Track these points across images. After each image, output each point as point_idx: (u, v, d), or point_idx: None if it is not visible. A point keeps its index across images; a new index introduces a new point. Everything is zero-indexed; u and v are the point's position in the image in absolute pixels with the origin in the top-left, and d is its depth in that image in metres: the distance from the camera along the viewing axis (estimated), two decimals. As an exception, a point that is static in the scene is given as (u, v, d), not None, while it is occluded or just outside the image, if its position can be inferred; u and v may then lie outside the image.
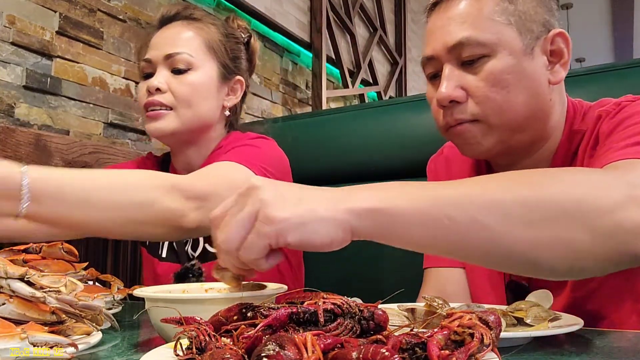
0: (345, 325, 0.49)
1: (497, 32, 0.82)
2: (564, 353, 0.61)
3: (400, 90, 3.96)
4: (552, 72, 0.85)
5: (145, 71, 1.16)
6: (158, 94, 1.11)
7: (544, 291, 0.80)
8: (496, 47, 0.82)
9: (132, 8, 1.73)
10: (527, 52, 0.83)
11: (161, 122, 1.11)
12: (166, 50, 1.13)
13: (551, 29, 0.85)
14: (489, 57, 0.82)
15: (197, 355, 0.48)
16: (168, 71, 1.13)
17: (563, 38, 0.85)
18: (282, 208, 0.57)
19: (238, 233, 0.58)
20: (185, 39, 1.15)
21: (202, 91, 1.15)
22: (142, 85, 1.16)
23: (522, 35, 0.83)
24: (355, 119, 1.58)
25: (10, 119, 1.38)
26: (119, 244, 1.58)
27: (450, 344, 0.46)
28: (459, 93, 0.84)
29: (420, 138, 1.45)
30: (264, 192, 0.58)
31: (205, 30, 1.18)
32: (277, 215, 0.57)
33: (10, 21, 1.38)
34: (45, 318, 0.64)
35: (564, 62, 0.86)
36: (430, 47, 0.87)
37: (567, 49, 0.85)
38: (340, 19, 3.15)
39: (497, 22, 0.82)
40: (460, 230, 0.58)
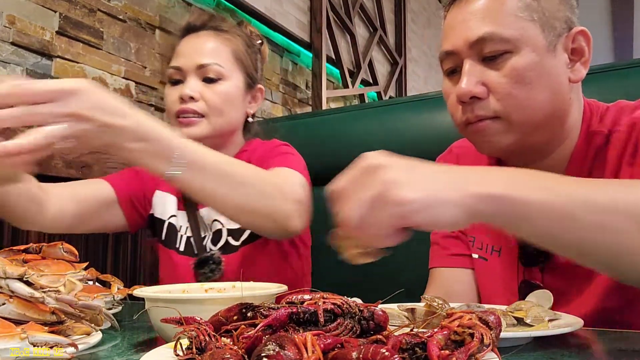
0: (345, 325, 0.49)
1: (520, 28, 0.81)
2: (564, 353, 0.61)
3: (400, 90, 3.95)
4: (573, 71, 0.84)
5: (173, 77, 1.20)
6: (191, 102, 1.16)
7: (544, 291, 0.79)
8: (519, 44, 0.80)
9: (132, 8, 1.73)
10: (550, 50, 0.82)
11: (194, 128, 1.16)
12: (197, 60, 1.18)
13: (572, 26, 0.84)
14: (512, 53, 0.81)
15: (197, 355, 0.48)
16: (199, 80, 1.18)
17: (584, 36, 0.85)
18: (411, 189, 0.57)
19: (364, 212, 0.58)
20: (215, 49, 1.20)
21: (232, 100, 1.21)
22: (172, 91, 1.20)
23: (545, 32, 0.81)
24: (355, 119, 1.58)
25: (10, 119, 1.38)
26: (119, 244, 1.58)
27: (450, 344, 0.46)
28: (480, 89, 0.82)
29: (420, 138, 1.45)
30: (391, 172, 0.58)
31: (232, 41, 1.23)
32: (406, 197, 0.56)
33: (11, 21, 1.38)
34: (45, 318, 0.64)
35: (584, 60, 0.85)
36: (450, 41, 0.86)
37: (588, 47, 0.85)
38: (340, 19, 3.15)
39: (521, 18, 0.81)
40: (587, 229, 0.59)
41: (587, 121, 0.88)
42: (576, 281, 0.85)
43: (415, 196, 0.56)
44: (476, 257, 1.00)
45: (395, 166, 0.59)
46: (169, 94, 1.21)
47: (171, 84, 1.21)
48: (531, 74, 0.80)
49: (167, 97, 1.21)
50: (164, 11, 1.85)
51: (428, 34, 4.70)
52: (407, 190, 0.57)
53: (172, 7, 1.88)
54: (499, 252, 0.96)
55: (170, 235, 1.24)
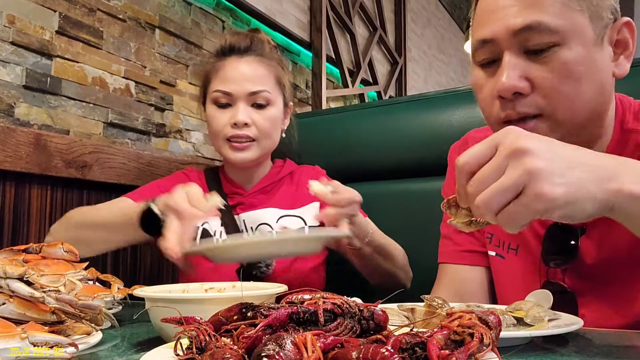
0: (345, 325, 0.49)
1: (569, 18, 0.73)
2: (563, 353, 0.61)
3: (400, 90, 3.95)
4: (617, 65, 0.79)
5: (220, 101, 1.28)
6: (244, 128, 1.26)
7: (544, 291, 0.79)
8: (568, 35, 0.73)
9: (132, 7, 1.73)
10: (598, 43, 0.75)
11: (247, 153, 1.28)
12: (249, 87, 1.27)
13: (618, 17, 0.78)
14: (559, 46, 0.73)
15: (197, 355, 0.48)
16: (249, 105, 1.27)
17: (629, 28, 0.79)
18: (554, 183, 0.55)
19: (502, 199, 0.57)
20: (264, 76, 1.29)
21: (277, 123, 1.32)
22: (221, 115, 1.28)
23: (593, 24, 0.75)
24: (355, 119, 1.58)
25: (10, 119, 1.38)
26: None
27: (450, 343, 0.46)
28: (524, 84, 0.75)
29: (420, 137, 1.45)
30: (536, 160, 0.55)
31: (273, 66, 1.32)
32: (549, 193, 0.55)
33: (10, 21, 1.38)
34: (45, 318, 0.64)
35: (628, 53, 0.79)
36: (489, 28, 0.77)
37: (632, 39, 0.79)
38: (340, 18, 3.15)
39: (569, 8, 0.73)
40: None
41: (620, 118, 0.83)
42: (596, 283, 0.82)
43: (560, 192, 0.55)
44: (493, 254, 0.97)
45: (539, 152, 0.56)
46: (218, 116, 1.28)
47: (218, 106, 1.29)
48: (580, 68, 0.74)
49: (216, 120, 1.28)
50: (163, 11, 1.85)
51: (428, 33, 4.70)
52: (552, 185, 0.55)
53: (172, 6, 1.88)
54: (516, 250, 0.93)
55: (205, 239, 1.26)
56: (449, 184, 1.08)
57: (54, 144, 1.38)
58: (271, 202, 1.34)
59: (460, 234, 1.02)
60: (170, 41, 1.87)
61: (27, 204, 1.35)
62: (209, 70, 1.33)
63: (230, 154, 1.28)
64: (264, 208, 1.32)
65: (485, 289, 0.99)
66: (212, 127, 1.31)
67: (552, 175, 0.55)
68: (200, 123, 2.00)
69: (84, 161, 1.44)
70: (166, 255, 0.88)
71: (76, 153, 1.43)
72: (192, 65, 1.96)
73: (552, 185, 0.55)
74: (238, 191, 1.36)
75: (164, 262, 1.73)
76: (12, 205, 1.32)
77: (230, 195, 1.35)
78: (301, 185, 1.36)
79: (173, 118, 1.88)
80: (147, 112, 1.77)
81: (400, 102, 1.61)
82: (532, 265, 0.90)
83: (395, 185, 1.47)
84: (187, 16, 1.96)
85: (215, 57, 1.34)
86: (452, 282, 0.99)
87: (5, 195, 1.31)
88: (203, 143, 2.01)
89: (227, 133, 1.27)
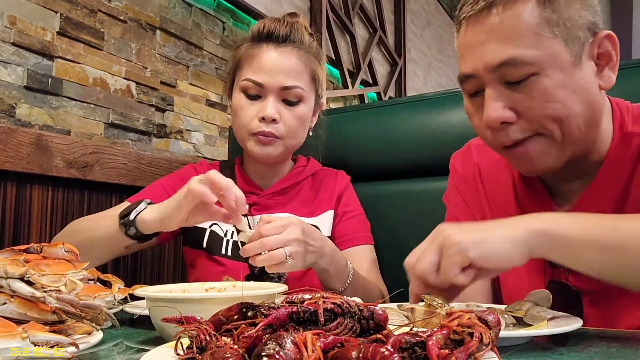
0: (345, 325, 0.49)
1: (544, 48, 0.75)
2: (563, 352, 0.61)
3: (399, 91, 3.95)
4: (602, 77, 0.80)
5: (250, 91, 1.19)
6: (272, 124, 1.18)
7: (544, 291, 0.79)
8: (544, 64, 0.75)
9: (133, 9, 1.73)
10: (576, 63, 0.76)
11: (271, 149, 1.20)
12: (282, 81, 1.17)
13: (597, 31, 0.79)
14: (537, 74, 0.75)
15: (198, 354, 0.48)
16: (279, 100, 1.19)
17: (611, 40, 0.79)
18: (460, 233, 0.69)
19: (431, 260, 0.71)
20: (299, 71, 1.20)
21: (305, 122, 1.24)
22: (250, 107, 1.19)
23: (569, 46, 0.76)
24: (355, 120, 1.57)
25: (12, 120, 1.38)
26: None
27: (450, 343, 0.46)
28: (509, 114, 0.78)
29: (420, 138, 1.45)
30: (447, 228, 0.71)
31: (311, 60, 1.23)
32: (456, 238, 0.69)
33: (11, 22, 1.38)
34: (46, 317, 0.64)
35: (612, 64, 0.80)
36: (469, 64, 0.80)
37: (615, 51, 0.80)
38: (340, 19, 3.15)
39: (542, 37, 0.75)
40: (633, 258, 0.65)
41: (619, 121, 0.84)
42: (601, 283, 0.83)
43: (465, 237, 0.68)
44: None
45: (451, 226, 0.72)
46: (246, 107, 1.20)
47: (246, 96, 1.20)
48: (561, 92, 0.76)
49: (243, 111, 1.20)
50: (164, 12, 1.85)
51: (427, 34, 4.70)
52: (458, 234, 0.69)
53: (172, 7, 1.89)
54: None
55: (213, 241, 1.22)
56: (452, 192, 1.08)
57: (55, 144, 1.38)
58: (289, 206, 1.27)
59: None
60: (171, 42, 1.88)
61: (28, 204, 1.36)
62: (242, 56, 1.23)
63: (254, 148, 1.20)
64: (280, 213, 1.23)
65: (486, 290, 1.00)
66: (238, 118, 1.22)
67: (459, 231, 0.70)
68: (201, 124, 2.01)
69: (85, 161, 1.45)
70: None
71: (77, 153, 1.43)
72: (193, 66, 1.97)
73: (459, 235, 0.69)
74: (254, 190, 1.28)
75: (165, 262, 1.74)
76: (13, 206, 1.33)
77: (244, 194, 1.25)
78: (322, 190, 1.30)
79: (174, 119, 1.88)
80: (147, 113, 1.77)
81: (400, 102, 1.61)
82: (537, 265, 0.90)
83: (395, 185, 1.47)
84: (187, 17, 1.96)
85: (250, 42, 1.23)
86: None
87: (7, 196, 1.31)
88: (204, 144, 2.02)
89: (253, 128, 1.18)
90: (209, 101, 2.04)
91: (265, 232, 0.94)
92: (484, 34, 0.78)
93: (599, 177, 0.84)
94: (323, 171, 1.36)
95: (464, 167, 1.05)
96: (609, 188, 0.83)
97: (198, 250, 1.24)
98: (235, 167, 1.33)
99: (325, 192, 1.30)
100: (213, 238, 1.22)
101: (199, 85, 1.99)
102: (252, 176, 1.31)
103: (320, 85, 1.27)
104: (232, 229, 1.23)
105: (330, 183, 1.32)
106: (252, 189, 1.28)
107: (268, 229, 0.94)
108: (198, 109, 1.99)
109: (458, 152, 1.10)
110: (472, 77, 0.81)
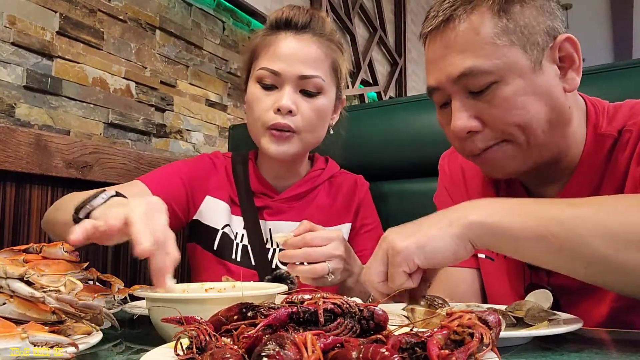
0: (345, 325, 0.49)
1: (501, 56, 0.77)
2: (563, 353, 0.61)
3: (400, 91, 3.95)
4: (566, 80, 0.81)
5: (266, 81, 1.11)
6: (288, 116, 1.09)
7: (544, 291, 0.79)
8: (504, 72, 0.77)
9: (133, 8, 1.73)
10: (537, 68, 0.78)
11: (286, 145, 1.11)
12: (301, 69, 1.09)
13: (557, 35, 0.80)
14: (498, 83, 0.77)
15: (198, 354, 0.48)
16: (297, 90, 1.10)
17: (571, 43, 0.80)
18: (402, 240, 0.70)
19: (378, 269, 0.72)
20: (319, 60, 1.11)
21: (325, 116, 1.15)
22: (265, 97, 1.11)
23: (527, 53, 0.77)
24: (355, 119, 1.57)
25: (11, 119, 1.38)
26: (120, 244, 1.58)
27: (450, 343, 0.46)
28: (475, 123, 0.80)
29: (419, 138, 1.45)
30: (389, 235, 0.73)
31: (332, 49, 1.15)
32: (399, 245, 0.70)
33: (11, 22, 1.38)
34: (45, 318, 0.64)
35: (576, 67, 0.81)
36: (434, 78, 0.83)
37: (576, 53, 0.80)
38: (340, 19, 3.15)
39: (499, 46, 0.77)
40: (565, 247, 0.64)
41: (594, 123, 0.85)
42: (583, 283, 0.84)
43: (407, 243, 0.69)
44: (483, 256, 0.99)
45: (393, 231, 0.73)
46: (261, 99, 1.11)
47: (262, 87, 1.12)
48: (522, 98, 0.78)
49: (257, 103, 1.11)
50: (164, 12, 1.85)
51: (428, 34, 4.70)
52: (400, 241, 0.70)
53: (172, 7, 1.89)
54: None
55: (224, 245, 1.17)
56: (441, 192, 1.10)
57: (55, 144, 1.38)
58: (304, 213, 1.18)
59: None
60: (170, 42, 1.87)
61: (27, 204, 1.36)
62: (258, 45, 1.15)
63: (269, 145, 1.11)
64: (294, 221, 1.16)
65: (477, 291, 1.01)
66: (252, 110, 1.13)
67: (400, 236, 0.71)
68: (200, 123, 2.01)
69: (84, 161, 1.44)
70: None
71: (77, 153, 1.43)
72: (193, 66, 1.97)
73: (400, 241, 0.70)
74: (268, 192, 1.21)
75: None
76: (12, 206, 1.32)
77: (257, 195, 1.20)
78: (339, 197, 1.23)
79: (173, 118, 1.88)
80: (147, 113, 1.77)
81: (400, 102, 1.61)
82: (517, 268, 0.92)
83: (395, 185, 1.47)
84: (187, 17, 1.96)
85: (268, 30, 1.15)
86: (445, 284, 1.01)
87: (6, 196, 1.31)
88: (203, 143, 2.02)
89: (268, 121, 1.09)
90: (209, 101, 2.04)
91: (311, 242, 0.89)
92: (444, 47, 0.81)
93: (573, 180, 0.86)
94: (341, 175, 1.27)
95: (450, 168, 1.08)
96: (582, 191, 0.83)
97: (208, 252, 1.19)
98: (249, 162, 1.25)
99: (344, 200, 1.23)
100: (224, 241, 1.17)
101: (198, 85, 1.99)
102: (266, 176, 1.22)
103: (343, 79, 1.19)
104: (243, 232, 1.17)
105: (349, 191, 1.24)
106: (265, 190, 1.21)
107: (314, 238, 0.90)
108: (198, 109, 1.99)
109: (446, 153, 1.12)
110: (438, 90, 0.84)
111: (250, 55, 1.18)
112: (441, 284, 1.02)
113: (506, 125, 0.79)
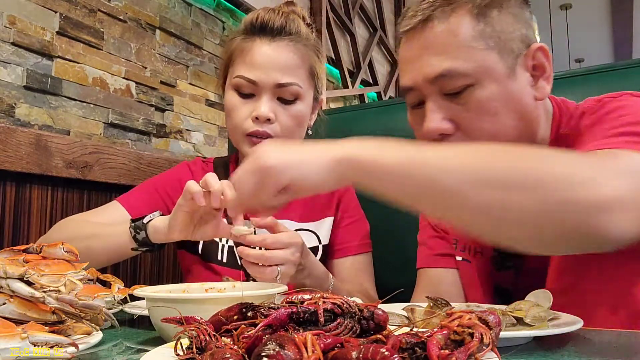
0: (345, 325, 0.49)
1: (478, 60, 0.78)
2: (563, 353, 0.61)
3: (399, 91, 3.96)
4: (537, 88, 0.82)
5: (244, 90, 1.12)
6: (266, 124, 1.11)
7: (544, 291, 0.79)
8: (480, 75, 0.78)
9: (133, 8, 1.73)
10: (511, 75, 0.79)
11: None
12: (277, 78, 1.10)
13: (530, 43, 0.81)
14: (473, 86, 0.78)
15: (198, 354, 0.48)
16: (274, 98, 1.12)
17: (543, 52, 0.82)
18: (273, 157, 0.68)
19: (247, 182, 0.70)
20: (295, 67, 1.12)
21: (303, 121, 1.17)
22: (243, 106, 1.12)
23: (503, 58, 0.78)
24: (355, 119, 1.57)
25: (11, 119, 1.38)
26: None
27: (450, 343, 0.46)
28: (447, 125, 0.80)
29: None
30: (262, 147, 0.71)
31: (308, 55, 1.16)
32: (267, 161, 0.68)
33: (11, 22, 1.38)
34: (45, 318, 0.64)
35: (547, 76, 0.82)
36: (409, 78, 0.83)
37: (548, 62, 0.82)
38: (340, 19, 3.15)
39: (476, 49, 0.78)
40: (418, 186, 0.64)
41: (557, 123, 0.86)
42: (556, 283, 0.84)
43: (277, 161, 0.67)
44: (460, 259, 1.00)
45: (268, 145, 0.71)
46: (239, 107, 1.13)
47: (240, 96, 1.13)
48: (496, 104, 0.78)
49: (236, 111, 1.13)
50: (164, 12, 1.85)
51: (428, 34, 4.71)
52: (271, 158, 0.68)
53: (172, 7, 1.89)
54: (481, 253, 0.96)
55: (209, 247, 1.18)
56: None
57: (55, 144, 1.38)
58: (286, 211, 1.19)
59: (433, 239, 1.05)
60: (170, 42, 1.87)
61: (27, 204, 1.36)
62: (234, 50, 1.16)
63: (249, 151, 1.10)
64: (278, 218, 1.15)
65: (459, 290, 1.01)
66: (230, 118, 1.15)
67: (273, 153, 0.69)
68: (201, 123, 2.01)
69: (84, 161, 1.44)
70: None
71: (77, 153, 1.43)
72: (193, 66, 1.97)
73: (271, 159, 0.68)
74: None
75: (165, 262, 1.74)
76: (12, 206, 1.32)
77: None
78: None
79: (173, 118, 1.88)
80: (147, 113, 1.77)
81: (400, 102, 1.60)
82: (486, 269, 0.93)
83: (395, 186, 1.47)
84: (187, 17, 1.96)
85: (243, 35, 1.15)
86: (429, 285, 1.02)
87: (6, 196, 1.31)
88: (203, 143, 2.02)
89: (247, 128, 1.11)
90: (209, 101, 2.04)
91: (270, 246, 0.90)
92: (421, 47, 0.81)
93: None
94: None
95: None
96: None
97: (194, 255, 1.20)
98: (230, 166, 1.28)
99: (325, 195, 1.25)
100: (208, 244, 1.18)
101: (198, 85, 1.99)
102: None
103: (320, 81, 1.20)
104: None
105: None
106: None
107: (274, 242, 0.91)
108: (198, 109, 1.99)
109: None
110: (412, 90, 0.84)
111: (226, 61, 1.19)
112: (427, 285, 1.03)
113: (477, 130, 0.79)
